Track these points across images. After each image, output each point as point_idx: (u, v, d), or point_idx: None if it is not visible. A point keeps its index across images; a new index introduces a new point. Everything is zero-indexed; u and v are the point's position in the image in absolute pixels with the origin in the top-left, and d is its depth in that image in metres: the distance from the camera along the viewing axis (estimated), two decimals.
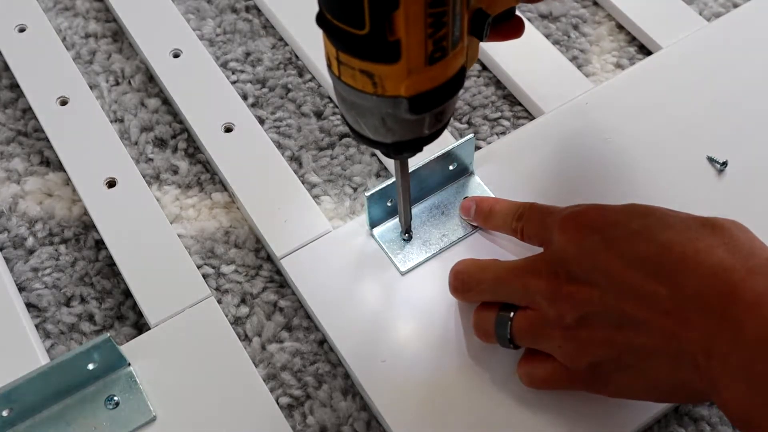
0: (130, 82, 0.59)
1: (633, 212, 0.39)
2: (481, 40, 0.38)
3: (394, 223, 0.49)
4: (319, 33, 0.36)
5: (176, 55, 0.58)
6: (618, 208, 0.40)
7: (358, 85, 0.35)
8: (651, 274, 0.36)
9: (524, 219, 0.44)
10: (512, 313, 0.42)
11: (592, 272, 0.38)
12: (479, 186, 0.51)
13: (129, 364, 0.45)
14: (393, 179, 0.47)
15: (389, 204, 0.48)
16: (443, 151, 0.48)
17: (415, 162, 0.47)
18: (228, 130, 0.55)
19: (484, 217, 0.48)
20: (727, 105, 0.55)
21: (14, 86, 0.59)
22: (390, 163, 0.54)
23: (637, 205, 0.40)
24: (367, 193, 0.46)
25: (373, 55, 0.34)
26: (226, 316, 0.48)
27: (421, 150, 0.40)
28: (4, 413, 0.42)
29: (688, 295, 0.35)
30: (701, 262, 0.35)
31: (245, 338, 0.48)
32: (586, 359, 0.39)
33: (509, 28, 0.42)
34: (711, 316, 0.34)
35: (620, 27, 0.62)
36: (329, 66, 0.36)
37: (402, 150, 0.39)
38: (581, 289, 0.38)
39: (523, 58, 0.58)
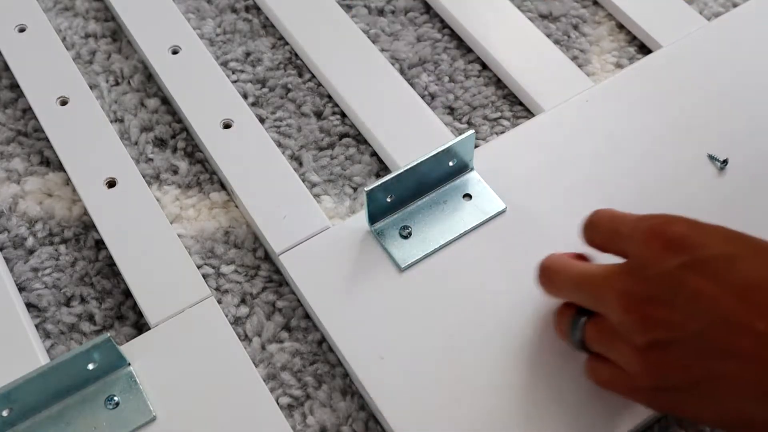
0: (129, 82, 0.59)
1: (722, 234, 0.37)
2: None
3: (393, 219, 0.49)
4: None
5: (175, 52, 0.58)
6: (707, 228, 0.37)
7: None
8: (750, 304, 0.34)
9: (592, 227, 0.42)
10: (584, 319, 0.40)
11: (676, 294, 0.35)
12: (479, 183, 0.51)
13: (129, 364, 0.45)
14: (391, 174, 0.47)
15: (388, 200, 0.48)
16: (443, 147, 0.48)
17: (414, 158, 0.47)
18: (227, 126, 0.55)
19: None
20: (727, 104, 0.55)
21: (14, 86, 0.59)
22: (390, 163, 0.54)
23: (724, 228, 0.37)
24: (366, 189, 0.46)
25: None
26: (226, 316, 0.48)
27: None
28: (4, 413, 0.42)
29: None
30: None
31: (245, 338, 0.48)
32: (654, 382, 0.37)
33: None
34: None
35: (620, 27, 0.62)
36: None
37: None
38: (660, 311, 0.36)
39: (523, 56, 0.58)
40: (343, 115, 0.57)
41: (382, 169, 0.54)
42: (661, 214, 0.39)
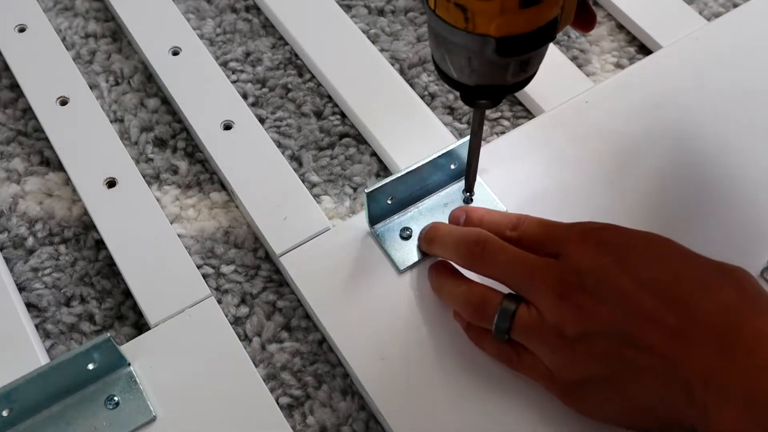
0: (129, 82, 0.59)
1: (650, 239, 0.40)
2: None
3: (393, 221, 0.49)
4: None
5: (175, 53, 0.59)
6: (635, 233, 0.40)
7: (450, 18, 0.36)
8: (662, 300, 0.37)
9: (521, 229, 0.44)
10: (515, 306, 0.41)
11: (603, 288, 0.38)
12: (480, 185, 0.51)
13: (129, 364, 0.45)
14: (392, 177, 0.47)
15: (389, 202, 0.48)
16: (444, 150, 0.48)
17: (415, 161, 0.47)
18: (227, 127, 0.55)
19: (474, 225, 0.46)
20: (728, 104, 0.55)
21: (14, 86, 0.59)
22: (390, 163, 0.54)
23: (652, 234, 0.40)
24: (367, 191, 0.46)
25: None
26: (226, 316, 0.48)
27: (501, 101, 0.41)
28: (4, 413, 0.42)
29: (695, 325, 0.36)
30: (712, 296, 0.37)
31: (245, 338, 0.48)
32: (576, 374, 0.40)
33: (583, 18, 0.42)
34: (716, 346, 0.35)
35: (620, 27, 0.62)
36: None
37: (482, 96, 0.40)
38: (589, 302, 0.38)
39: None
40: (343, 115, 0.57)
41: (382, 169, 0.54)
42: (593, 221, 0.42)
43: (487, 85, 0.39)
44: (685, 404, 0.36)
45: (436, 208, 0.50)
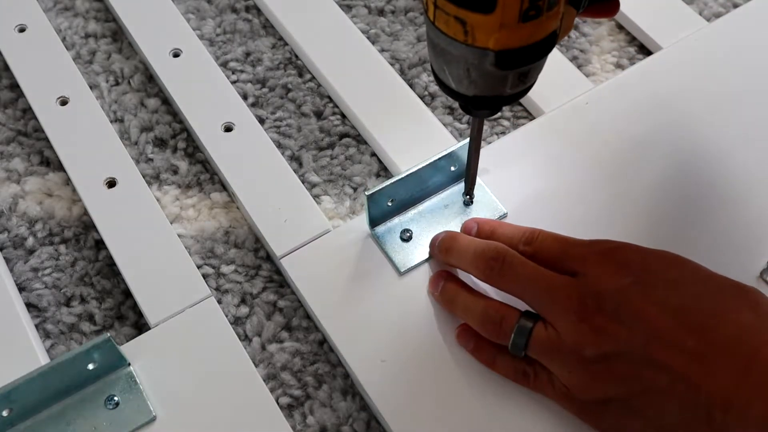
0: (129, 82, 0.59)
1: (669, 260, 0.40)
2: (578, 11, 0.38)
3: (393, 222, 0.49)
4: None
5: (176, 55, 0.59)
6: (654, 253, 0.40)
7: (450, 31, 0.36)
8: (683, 323, 0.37)
9: (536, 244, 0.43)
10: (532, 324, 0.41)
11: (623, 311, 0.38)
12: (479, 186, 0.51)
13: (129, 364, 0.45)
14: (392, 179, 0.47)
15: (389, 204, 0.48)
16: (444, 152, 0.48)
17: (415, 161, 0.47)
18: (228, 129, 0.55)
19: (486, 237, 0.46)
20: (728, 105, 0.55)
21: (14, 86, 0.59)
22: (390, 164, 0.54)
23: (670, 254, 0.40)
24: (367, 193, 0.46)
25: (470, 3, 0.34)
26: (226, 316, 0.48)
27: (499, 110, 0.41)
28: (4, 413, 0.42)
29: (715, 348, 0.36)
30: (730, 319, 0.37)
31: (245, 338, 0.48)
32: (594, 394, 0.39)
33: (605, 6, 0.41)
34: (734, 370, 0.35)
35: (620, 27, 0.62)
36: (426, 10, 0.37)
37: (481, 106, 0.40)
38: (610, 325, 0.38)
39: None
40: (343, 115, 0.57)
41: (382, 169, 0.54)
42: (610, 240, 0.42)
43: (485, 96, 0.39)
44: (704, 427, 0.36)
45: (436, 210, 0.50)
